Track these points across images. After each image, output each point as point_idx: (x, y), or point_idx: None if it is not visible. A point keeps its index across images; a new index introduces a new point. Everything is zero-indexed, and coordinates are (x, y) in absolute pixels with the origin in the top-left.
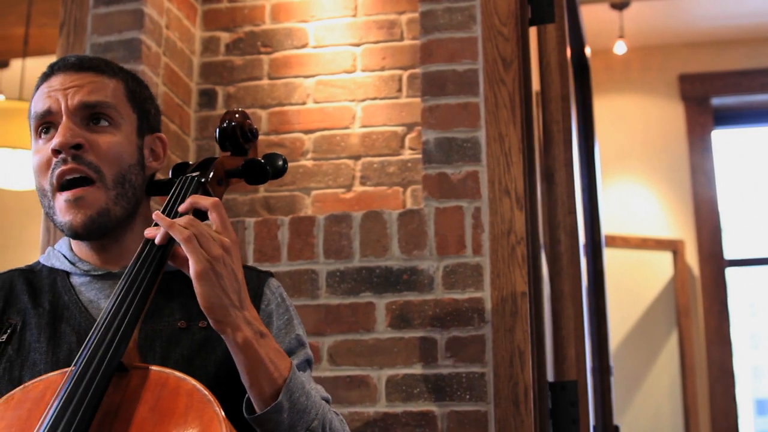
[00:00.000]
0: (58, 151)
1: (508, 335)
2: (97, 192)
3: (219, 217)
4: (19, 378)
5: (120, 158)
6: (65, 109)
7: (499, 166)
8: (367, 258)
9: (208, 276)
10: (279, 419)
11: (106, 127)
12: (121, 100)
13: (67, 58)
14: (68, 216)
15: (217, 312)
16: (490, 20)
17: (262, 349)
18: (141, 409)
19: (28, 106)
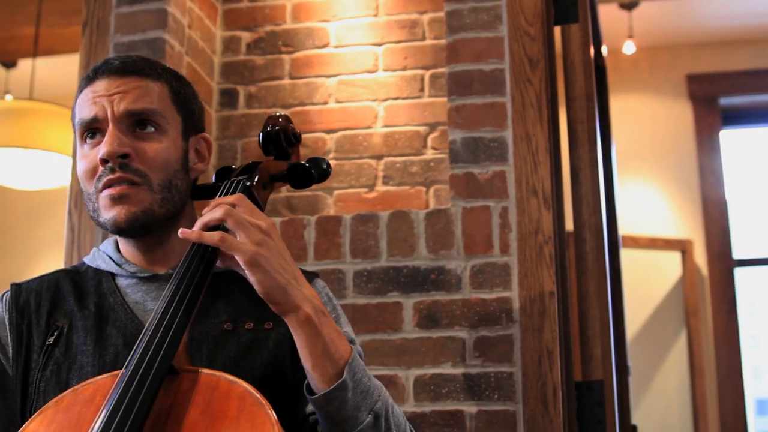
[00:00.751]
0: (106, 160)
1: (536, 335)
2: (142, 192)
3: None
4: (66, 381)
5: (167, 164)
6: (111, 117)
7: (526, 166)
8: (395, 258)
9: (258, 262)
10: (344, 398)
11: (152, 134)
12: (166, 104)
13: (111, 62)
14: (112, 212)
15: (276, 295)
16: (517, 20)
17: (324, 327)
18: (192, 412)
19: (38, 106)
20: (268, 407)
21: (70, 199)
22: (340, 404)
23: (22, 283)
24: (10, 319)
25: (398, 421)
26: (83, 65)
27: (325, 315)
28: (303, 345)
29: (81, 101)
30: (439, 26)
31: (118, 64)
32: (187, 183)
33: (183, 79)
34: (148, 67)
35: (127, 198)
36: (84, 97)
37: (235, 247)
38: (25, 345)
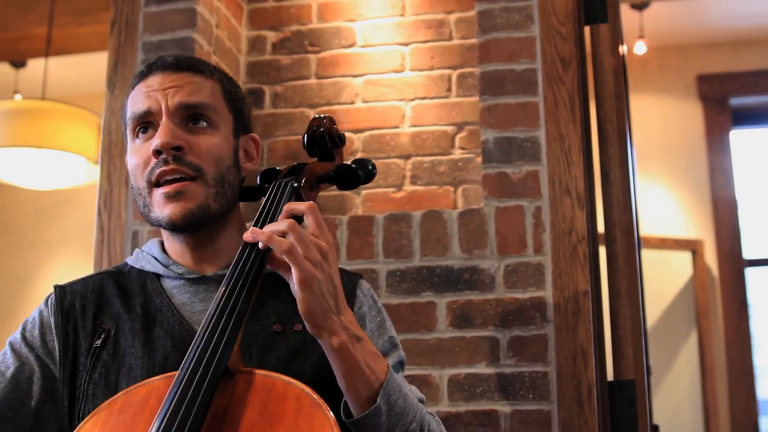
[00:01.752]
0: (159, 151)
1: (570, 334)
2: (198, 188)
3: (315, 220)
4: (115, 384)
5: (220, 159)
6: (165, 110)
7: (559, 166)
8: (428, 257)
9: (310, 284)
10: (377, 423)
11: (206, 128)
12: (219, 101)
13: (165, 58)
14: (167, 209)
15: (316, 317)
16: (548, 20)
17: (358, 353)
18: (249, 414)
19: (51, 106)
20: (326, 408)
21: (99, 199)
22: (374, 428)
23: (65, 286)
24: (56, 322)
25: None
26: (111, 64)
27: (360, 341)
28: (337, 369)
29: (134, 96)
30: (466, 26)
31: (172, 60)
32: (238, 180)
33: (234, 82)
34: (201, 64)
35: (183, 195)
36: (137, 92)
37: (297, 261)
38: (72, 348)
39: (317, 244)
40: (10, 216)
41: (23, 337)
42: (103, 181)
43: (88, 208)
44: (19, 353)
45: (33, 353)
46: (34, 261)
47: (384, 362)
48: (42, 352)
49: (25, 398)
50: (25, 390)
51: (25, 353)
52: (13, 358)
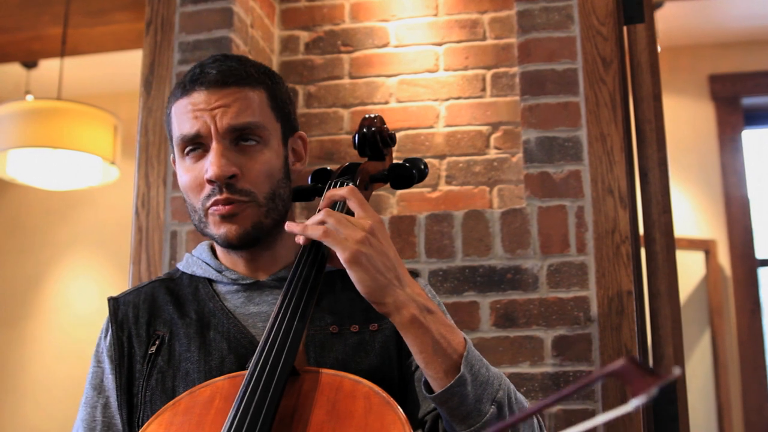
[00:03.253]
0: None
1: (614, 334)
2: (249, 209)
3: (357, 202)
4: (172, 389)
5: (271, 177)
6: (215, 134)
7: (601, 165)
8: (470, 257)
9: (358, 261)
10: (463, 393)
11: (256, 146)
12: (266, 113)
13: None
14: (222, 229)
15: (377, 294)
16: (589, 20)
17: (431, 325)
18: (317, 413)
19: (67, 106)
20: (396, 406)
21: (136, 199)
22: (460, 399)
23: (118, 297)
24: (112, 336)
25: (522, 407)
26: (147, 64)
27: (431, 312)
28: (412, 344)
29: (179, 113)
30: (499, 26)
31: (216, 75)
32: (289, 188)
33: (276, 77)
34: (245, 73)
35: (237, 216)
36: (182, 109)
37: (337, 242)
38: (127, 356)
39: (359, 222)
40: (20, 216)
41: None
42: (141, 181)
43: (99, 208)
44: (99, 389)
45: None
46: (44, 262)
47: (459, 334)
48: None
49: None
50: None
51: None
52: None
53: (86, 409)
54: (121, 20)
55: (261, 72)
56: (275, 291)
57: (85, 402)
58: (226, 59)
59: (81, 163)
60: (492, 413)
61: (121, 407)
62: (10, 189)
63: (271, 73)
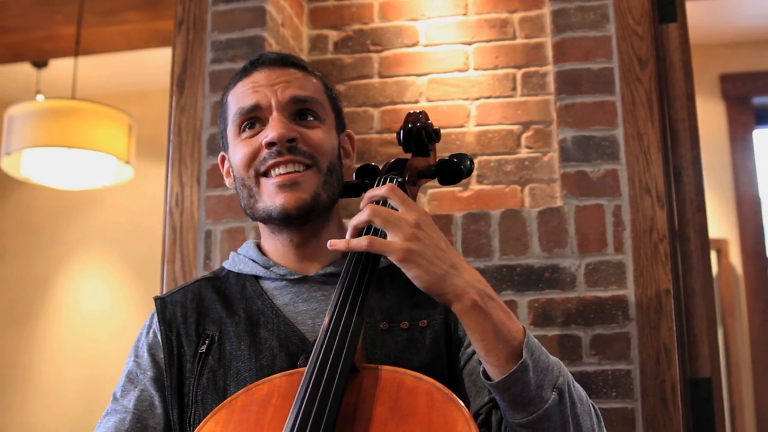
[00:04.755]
0: (272, 143)
1: (653, 332)
2: (312, 176)
3: (398, 199)
4: (223, 387)
5: (330, 150)
6: (276, 104)
7: (638, 164)
8: (507, 256)
9: (410, 258)
10: (526, 379)
11: (313, 122)
12: (323, 97)
13: (267, 54)
14: (280, 198)
15: (436, 287)
16: (624, 19)
17: (492, 310)
18: (379, 410)
19: (82, 105)
20: (459, 403)
21: (169, 198)
22: (523, 386)
23: (165, 297)
24: (160, 335)
25: (580, 394)
26: (179, 62)
27: (491, 298)
28: (473, 331)
29: (238, 92)
30: (529, 25)
31: (277, 57)
32: (342, 176)
33: (327, 77)
34: (302, 62)
35: (298, 185)
36: (241, 88)
37: (385, 249)
38: (177, 356)
39: (404, 218)
40: (30, 216)
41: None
42: (174, 180)
43: (109, 208)
44: (135, 381)
45: (146, 376)
46: (54, 261)
47: (517, 321)
48: (155, 371)
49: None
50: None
51: (140, 380)
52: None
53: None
54: (134, 20)
55: (316, 69)
56: (324, 287)
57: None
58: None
59: (95, 162)
60: (553, 400)
61: (171, 406)
62: (20, 189)
63: (324, 75)
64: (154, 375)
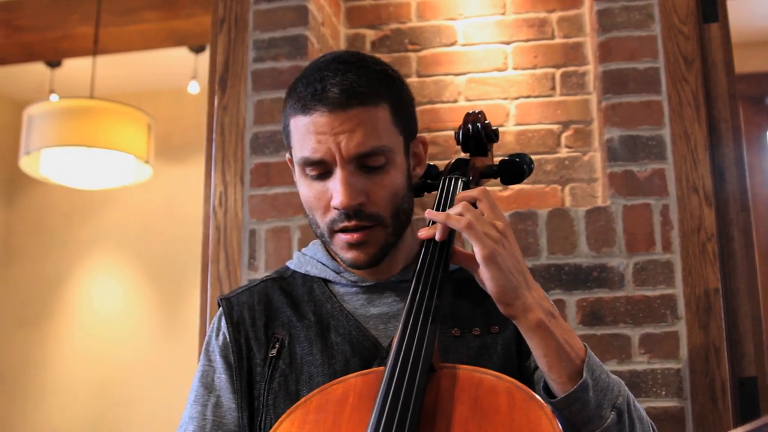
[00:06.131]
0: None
1: (702, 332)
2: (378, 232)
3: (488, 204)
4: (296, 392)
5: (396, 197)
6: (340, 160)
7: (685, 164)
8: (555, 255)
9: (495, 258)
10: (586, 398)
11: (381, 168)
12: (390, 131)
13: (328, 88)
14: (350, 254)
15: (508, 295)
16: (670, 19)
17: (556, 329)
18: (459, 409)
19: (101, 105)
20: (541, 402)
21: (213, 198)
22: (582, 405)
23: (231, 297)
24: (230, 337)
25: (640, 414)
26: (221, 62)
27: (555, 317)
28: (536, 347)
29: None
30: (568, 25)
31: (339, 96)
32: (411, 198)
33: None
34: (369, 89)
35: (365, 243)
36: (303, 129)
37: (477, 237)
38: (246, 359)
39: (493, 223)
40: (43, 215)
41: (211, 368)
42: (217, 180)
43: (121, 208)
44: (210, 387)
45: (220, 380)
46: (67, 261)
47: (578, 339)
48: (228, 374)
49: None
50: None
51: (216, 386)
52: (207, 396)
53: (196, 407)
54: (150, 19)
55: (383, 81)
56: (394, 293)
57: (194, 400)
58: (347, 68)
59: (114, 162)
60: (612, 419)
61: (241, 410)
62: (33, 188)
63: (392, 78)
64: (227, 378)
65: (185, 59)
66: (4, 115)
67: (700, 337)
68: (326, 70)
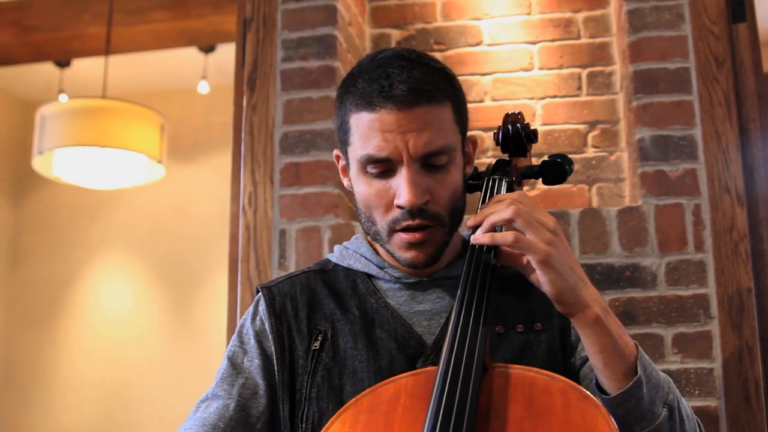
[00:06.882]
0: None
1: (735, 331)
2: (437, 232)
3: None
4: (339, 386)
5: (456, 195)
6: (407, 158)
7: (717, 164)
8: (587, 255)
9: (550, 262)
10: (640, 394)
11: (444, 167)
12: (453, 130)
13: (396, 85)
14: (409, 254)
15: (566, 295)
16: (700, 19)
17: (611, 325)
18: (514, 408)
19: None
20: (595, 401)
21: (242, 197)
22: (636, 402)
23: (272, 287)
24: (270, 326)
25: (687, 411)
26: (250, 61)
27: (610, 313)
28: (593, 343)
29: (364, 129)
30: (594, 25)
31: (407, 94)
32: (465, 197)
33: (455, 79)
34: (434, 87)
35: (425, 243)
36: (368, 126)
37: (530, 247)
38: (288, 351)
39: (544, 222)
40: (52, 215)
41: (241, 350)
42: (247, 179)
43: (130, 208)
44: (240, 369)
45: (253, 364)
46: (76, 261)
47: (630, 337)
48: (262, 360)
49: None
50: (255, 405)
51: (246, 367)
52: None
53: (222, 386)
54: (161, 19)
55: (445, 80)
56: (438, 290)
57: (221, 378)
58: (411, 66)
59: (127, 162)
60: (664, 416)
61: (282, 401)
62: (41, 187)
63: (451, 77)
64: (261, 363)
65: (195, 59)
66: (12, 115)
67: (733, 337)
68: (389, 66)
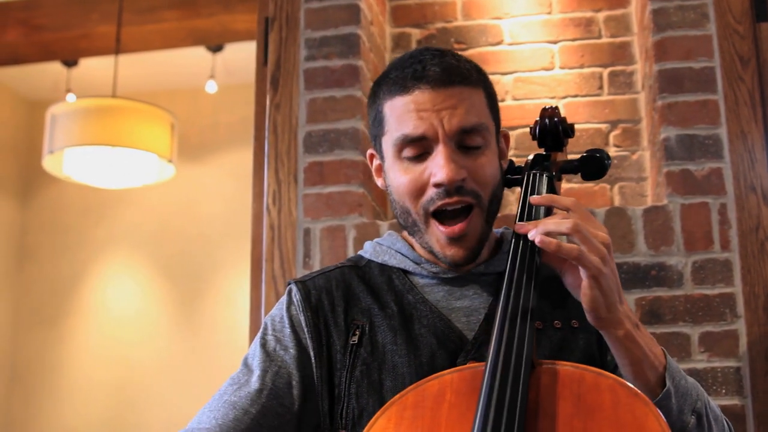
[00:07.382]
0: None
1: (762, 330)
2: (476, 219)
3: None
4: (379, 381)
5: (493, 178)
6: (443, 136)
7: (743, 163)
8: (614, 254)
9: (599, 280)
10: (669, 405)
11: (480, 149)
12: (486, 113)
13: (430, 67)
14: (450, 251)
15: (601, 310)
16: (725, 18)
17: (641, 339)
18: (562, 405)
19: (123, 104)
20: (645, 398)
21: (267, 196)
22: (666, 412)
23: (307, 281)
24: (306, 319)
25: (716, 414)
26: (273, 60)
27: (639, 327)
28: (622, 357)
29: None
30: (614, 24)
31: (441, 74)
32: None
33: (485, 73)
34: (466, 70)
35: (467, 236)
36: (402, 108)
37: (587, 264)
38: (326, 345)
39: (600, 237)
40: (59, 214)
41: (275, 338)
42: (271, 178)
43: (136, 207)
44: (273, 357)
45: (288, 354)
46: (83, 261)
47: (658, 346)
48: (297, 351)
49: (288, 404)
50: (287, 395)
51: (280, 356)
52: (269, 363)
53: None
54: (170, 18)
55: (475, 69)
56: (476, 286)
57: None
58: (443, 54)
59: (137, 161)
60: (692, 424)
61: (320, 397)
62: (48, 186)
63: (482, 70)
64: (297, 354)
65: (202, 58)
66: (19, 115)
67: (759, 335)
68: (422, 55)
